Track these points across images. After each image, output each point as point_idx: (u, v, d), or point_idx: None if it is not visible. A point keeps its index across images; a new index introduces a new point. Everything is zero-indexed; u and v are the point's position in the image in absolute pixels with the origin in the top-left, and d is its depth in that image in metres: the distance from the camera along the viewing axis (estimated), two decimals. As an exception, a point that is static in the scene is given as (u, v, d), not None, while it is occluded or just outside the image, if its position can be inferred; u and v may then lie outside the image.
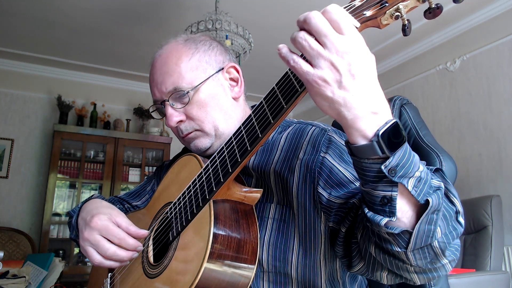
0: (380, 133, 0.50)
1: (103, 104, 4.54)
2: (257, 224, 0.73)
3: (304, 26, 0.52)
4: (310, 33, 0.52)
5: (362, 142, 0.52)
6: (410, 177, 0.52)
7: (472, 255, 2.48)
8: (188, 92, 0.84)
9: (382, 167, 0.51)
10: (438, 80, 3.52)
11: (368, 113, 0.51)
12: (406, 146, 0.51)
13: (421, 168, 0.53)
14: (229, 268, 0.66)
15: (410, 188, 0.52)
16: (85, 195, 4.27)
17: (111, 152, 4.30)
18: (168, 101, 0.86)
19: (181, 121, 0.87)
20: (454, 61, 3.38)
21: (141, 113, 4.58)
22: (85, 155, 4.23)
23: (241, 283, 0.67)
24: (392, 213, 0.53)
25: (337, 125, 0.94)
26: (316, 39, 0.51)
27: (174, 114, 0.86)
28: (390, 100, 1.05)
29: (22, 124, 4.24)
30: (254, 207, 0.76)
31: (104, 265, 0.77)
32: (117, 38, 3.73)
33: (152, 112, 0.93)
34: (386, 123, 0.51)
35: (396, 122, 0.51)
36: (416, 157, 0.53)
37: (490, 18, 3.10)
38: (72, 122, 4.36)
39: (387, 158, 0.50)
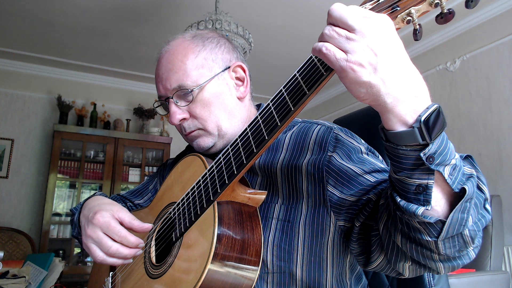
0: (423, 119, 0.48)
1: (103, 104, 4.54)
2: (261, 226, 0.72)
3: (329, 20, 0.50)
4: (336, 24, 0.50)
5: (400, 128, 0.49)
6: (447, 165, 0.50)
7: (472, 255, 2.48)
8: (192, 90, 0.83)
9: (421, 154, 0.48)
10: (438, 80, 3.52)
11: (409, 96, 0.48)
12: (444, 132, 0.50)
13: (456, 155, 0.51)
14: (233, 270, 0.66)
15: (446, 176, 0.50)
16: (85, 195, 4.27)
17: (111, 152, 4.29)
18: (172, 98, 0.85)
19: (184, 119, 0.86)
20: (454, 61, 3.38)
21: (141, 113, 4.57)
22: (85, 155, 4.23)
23: (244, 285, 0.67)
24: (427, 202, 0.51)
25: (340, 124, 0.94)
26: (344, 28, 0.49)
27: (178, 112, 0.85)
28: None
29: (22, 124, 4.23)
30: (258, 209, 0.76)
31: (107, 262, 0.76)
32: (117, 38, 3.72)
33: (156, 107, 0.93)
34: (427, 108, 0.49)
35: (438, 106, 0.49)
36: (451, 144, 0.51)
37: (490, 18, 3.10)
38: (72, 122, 4.36)
39: (427, 145, 0.48)
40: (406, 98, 0.49)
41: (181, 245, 0.74)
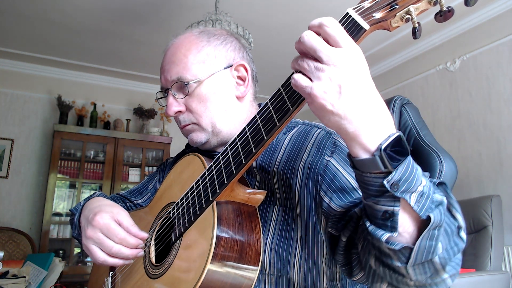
0: (383, 147, 0.49)
1: (103, 104, 4.54)
2: (261, 226, 0.72)
3: (300, 46, 0.52)
4: (306, 52, 0.52)
5: (364, 156, 0.51)
6: (413, 192, 0.51)
7: (472, 255, 2.48)
8: (189, 83, 0.84)
9: (385, 182, 0.50)
10: (438, 80, 3.52)
11: (370, 125, 0.50)
12: (409, 160, 0.51)
13: (424, 182, 0.52)
14: (232, 270, 0.65)
15: (412, 203, 0.51)
16: (85, 195, 4.27)
17: (111, 152, 4.29)
18: (170, 90, 0.86)
19: (180, 111, 0.87)
20: (454, 61, 3.38)
21: (141, 113, 4.57)
22: (85, 155, 4.23)
23: (244, 285, 0.67)
24: (393, 228, 0.52)
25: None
26: (312, 56, 0.51)
27: (174, 104, 0.86)
28: (390, 100, 1.05)
29: (22, 124, 4.23)
30: (257, 209, 0.75)
31: (108, 263, 0.76)
32: (117, 38, 3.72)
33: (158, 98, 0.94)
34: (389, 136, 0.50)
35: (399, 135, 0.50)
36: (419, 170, 0.52)
37: (490, 18, 3.10)
38: (72, 122, 4.36)
39: (390, 172, 0.49)
40: (367, 127, 0.50)
41: (180, 245, 0.74)
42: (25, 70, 4.28)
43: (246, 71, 0.90)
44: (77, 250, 4.12)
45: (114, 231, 0.76)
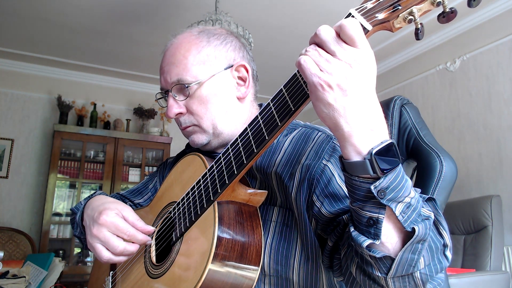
0: (374, 151, 0.49)
1: (103, 104, 4.54)
2: (262, 226, 0.72)
3: (315, 39, 0.52)
4: (320, 44, 0.52)
5: (355, 158, 0.51)
6: (399, 202, 0.51)
7: (472, 255, 2.48)
8: (189, 85, 0.83)
9: (372, 187, 0.50)
10: (438, 80, 3.52)
11: (366, 128, 0.50)
12: (400, 169, 0.51)
13: (412, 194, 0.52)
14: (233, 270, 0.65)
15: (397, 213, 0.51)
16: (85, 195, 4.27)
17: (111, 152, 4.29)
18: (171, 91, 0.86)
19: (180, 113, 0.87)
20: (454, 61, 3.38)
21: (141, 113, 4.57)
22: (85, 155, 4.24)
23: (244, 285, 0.67)
24: (376, 236, 0.52)
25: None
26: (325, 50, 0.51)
27: (174, 106, 0.86)
28: (390, 100, 1.05)
29: (22, 124, 4.23)
30: (258, 209, 0.75)
31: (113, 261, 0.77)
32: (117, 38, 3.72)
33: (158, 99, 0.93)
34: (381, 142, 0.50)
35: (392, 143, 0.50)
36: (409, 182, 0.52)
37: (490, 18, 3.10)
38: (72, 122, 4.36)
39: (378, 178, 0.50)
40: (362, 129, 0.50)
41: (181, 245, 0.74)
42: (25, 70, 4.28)
43: (247, 71, 0.89)
44: (77, 250, 4.12)
45: (123, 229, 0.76)
